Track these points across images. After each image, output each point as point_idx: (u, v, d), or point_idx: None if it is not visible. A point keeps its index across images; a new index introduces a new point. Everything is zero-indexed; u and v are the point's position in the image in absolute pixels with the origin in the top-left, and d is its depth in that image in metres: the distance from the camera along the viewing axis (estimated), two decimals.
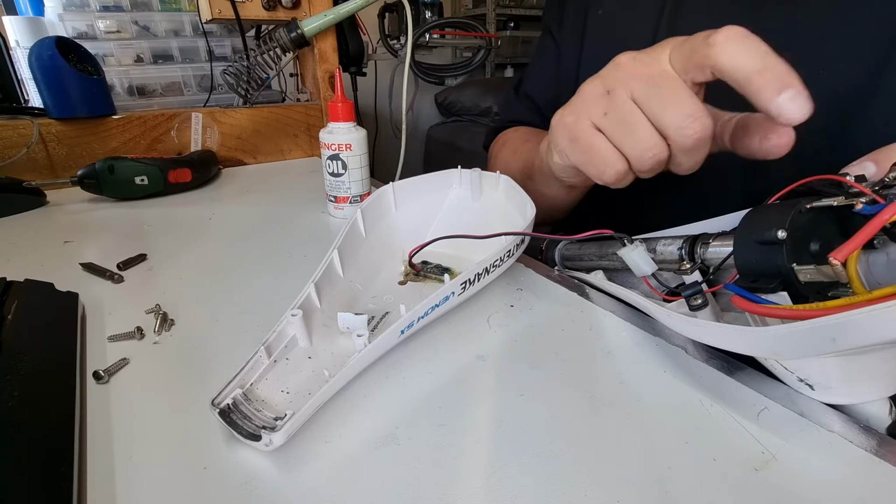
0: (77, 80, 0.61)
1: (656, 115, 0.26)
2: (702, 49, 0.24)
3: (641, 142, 0.27)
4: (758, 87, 0.23)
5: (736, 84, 0.24)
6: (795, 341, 0.19)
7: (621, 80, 0.28)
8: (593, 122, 0.29)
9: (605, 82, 0.29)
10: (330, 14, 0.70)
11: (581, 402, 0.25)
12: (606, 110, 0.28)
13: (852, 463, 0.21)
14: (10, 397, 0.21)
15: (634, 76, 0.27)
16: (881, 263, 0.22)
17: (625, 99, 0.27)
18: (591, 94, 0.29)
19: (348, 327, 0.28)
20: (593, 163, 0.30)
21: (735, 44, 0.23)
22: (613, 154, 0.29)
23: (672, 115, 0.26)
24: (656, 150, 0.27)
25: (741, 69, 0.23)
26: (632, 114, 0.27)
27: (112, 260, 0.40)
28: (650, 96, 0.27)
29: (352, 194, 0.50)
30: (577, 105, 0.30)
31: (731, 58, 0.23)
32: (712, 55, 0.24)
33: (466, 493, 0.20)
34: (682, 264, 0.28)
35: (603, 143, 0.29)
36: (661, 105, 0.26)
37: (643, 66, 0.27)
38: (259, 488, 0.20)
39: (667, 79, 0.26)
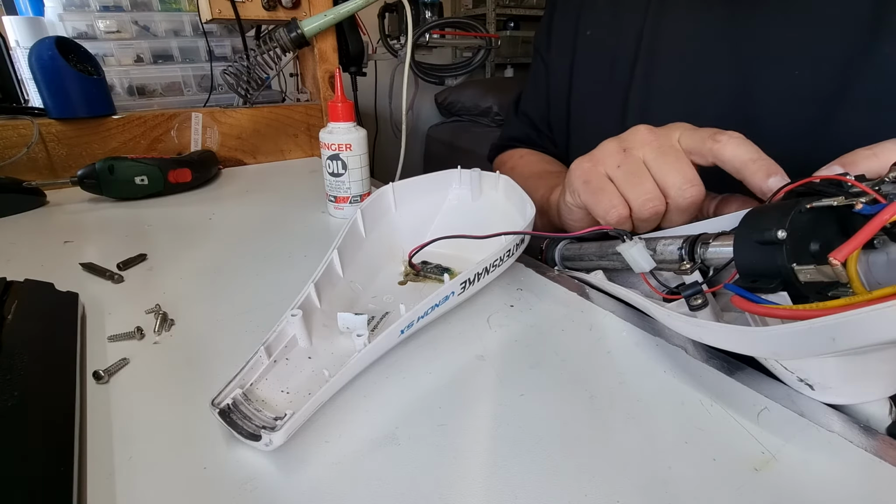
0: (77, 80, 0.61)
1: (661, 176, 0.31)
2: (708, 143, 0.30)
3: (645, 193, 0.32)
4: (752, 171, 0.28)
5: (734, 170, 0.29)
6: (795, 341, 0.19)
7: (638, 144, 0.33)
8: (607, 171, 0.34)
9: (623, 142, 0.33)
10: (330, 14, 0.70)
11: (581, 402, 0.25)
12: (620, 164, 0.33)
13: (852, 463, 0.21)
14: (11, 397, 0.21)
15: (649, 143, 0.32)
16: (881, 263, 0.22)
17: (637, 158, 0.32)
18: (610, 149, 0.34)
19: (348, 327, 0.28)
20: (601, 204, 0.33)
21: (735, 141, 0.29)
22: (619, 200, 0.33)
23: (674, 178, 0.31)
24: (656, 202, 0.31)
25: (739, 159, 0.29)
26: (641, 171, 0.32)
27: (112, 260, 0.40)
28: (659, 161, 0.32)
29: (352, 194, 0.50)
30: (597, 155, 0.34)
31: (732, 151, 0.29)
32: (717, 149, 0.29)
33: (466, 493, 0.20)
34: (681, 264, 0.28)
35: (612, 189, 0.33)
36: (667, 169, 0.31)
37: (657, 138, 0.32)
38: (259, 488, 0.20)
39: (674, 151, 0.31)
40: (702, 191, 0.31)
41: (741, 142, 0.29)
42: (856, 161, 0.25)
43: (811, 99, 0.35)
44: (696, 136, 0.31)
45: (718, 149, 0.29)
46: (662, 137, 0.32)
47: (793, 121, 0.37)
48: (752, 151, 0.29)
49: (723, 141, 0.29)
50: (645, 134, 0.33)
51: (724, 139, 0.29)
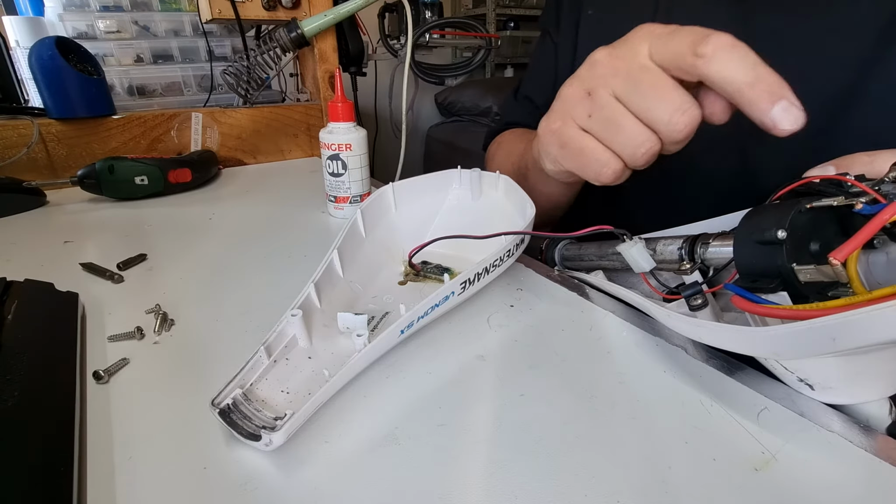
0: (77, 80, 0.61)
1: (643, 112, 0.26)
2: (688, 58, 0.24)
3: (632, 139, 0.27)
4: (749, 99, 0.23)
5: (726, 95, 0.24)
6: (795, 341, 0.19)
7: (600, 79, 0.27)
8: (579, 124, 0.29)
9: (583, 83, 0.28)
10: (330, 14, 0.70)
11: (581, 402, 0.25)
12: (591, 112, 0.28)
13: (852, 463, 0.21)
14: (11, 397, 0.21)
15: (613, 73, 0.27)
16: (881, 263, 0.22)
17: (607, 98, 0.27)
18: (572, 97, 0.29)
19: (348, 327, 0.28)
20: (588, 166, 0.29)
21: (724, 55, 0.23)
22: (606, 154, 0.28)
23: (659, 111, 0.25)
24: (648, 144, 0.27)
25: (732, 82, 0.23)
26: (617, 112, 0.27)
27: (112, 260, 0.40)
28: (633, 93, 0.26)
29: (352, 194, 0.50)
30: (560, 110, 0.30)
31: (721, 70, 0.23)
32: (700, 66, 0.23)
33: (467, 493, 0.20)
34: (681, 264, 0.28)
35: (593, 145, 0.28)
36: (645, 101, 0.26)
37: (621, 62, 0.27)
38: (259, 488, 0.20)
39: (647, 73, 0.26)
40: (696, 114, 0.25)
41: (731, 51, 0.23)
42: (852, 165, 0.25)
43: (820, 101, 0.33)
44: (670, 48, 0.25)
45: (703, 66, 0.23)
46: (628, 59, 0.26)
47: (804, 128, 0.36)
48: (747, 71, 0.23)
49: (707, 55, 0.23)
50: (606, 62, 0.27)
51: (708, 51, 0.23)
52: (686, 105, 0.25)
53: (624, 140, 0.27)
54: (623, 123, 0.27)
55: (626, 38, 0.27)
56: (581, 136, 0.29)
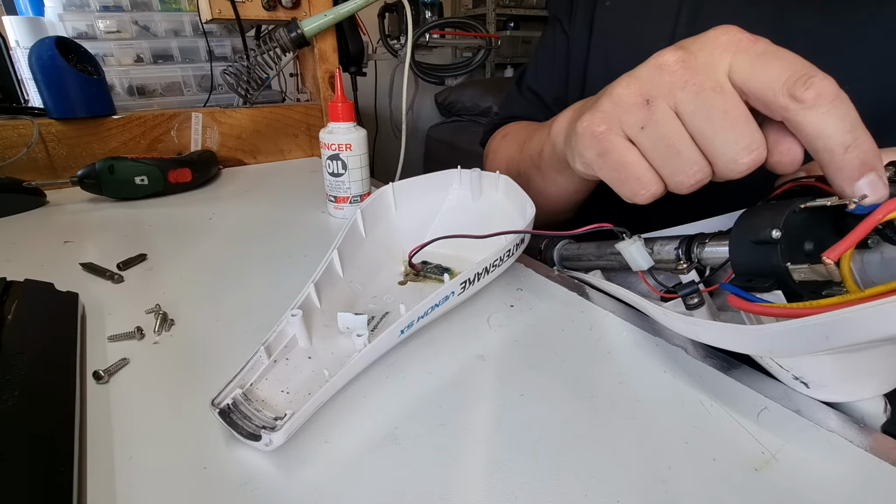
0: (77, 80, 0.61)
1: (705, 139, 0.23)
2: (781, 97, 0.20)
3: (685, 166, 0.24)
4: (839, 163, 0.20)
5: (812, 148, 0.21)
6: (789, 339, 0.20)
7: (665, 88, 0.23)
8: (628, 134, 0.25)
9: (643, 87, 0.24)
10: (330, 14, 0.70)
11: (581, 402, 0.25)
12: (644, 124, 0.24)
13: (851, 462, 0.21)
14: (11, 397, 0.21)
15: (682, 85, 0.23)
16: (875, 262, 0.22)
17: (667, 113, 0.23)
18: (626, 101, 0.25)
19: (348, 327, 0.28)
20: (626, 183, 0.26)
21: (826, 106, 0.20)
22: (649, 175, 0.25)
23: (725, 145, 0.22)
24: (700, 175, 0.23)
25: (826, 139, 0.20)
26: (676, 133, 0.23)
27: (112, 260, 0.40)
28: (699, 115, 0.23)
29: (352, 194, 0.50)
30: (610, 112, 0.26)
31: (818, 123, 0.20)
32: (794, 111, 0.20)
33: (467, 493, 0.20)
34: (678, 264, 0.28)
35: (639, 162, 0.25)
36: (712, 128, 0.22)
37: (694, 74, 0.23)
38: (259, 488, 0.20)
39: (722, 96, 0.22)
40: (762, 156, 0.22)
41: (835, 107, 0.20)
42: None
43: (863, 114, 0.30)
44: (760, 76, 0.21)
45: (798, 112, 0.20)
46: (704, 72, 0.22)
47: None
48: (846, 132, 0.20)
49: (807, 101, 0.20)
50: (676, 70, 0.23)
51: (809, 97, 0.19)
52: (755, 144, 0.22)
53: (675, 166, 0.24)
54: (680, 148, 0.23)
55: (704, 42, 0.23)
56: (627, 148, 0.25)
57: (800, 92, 0.20)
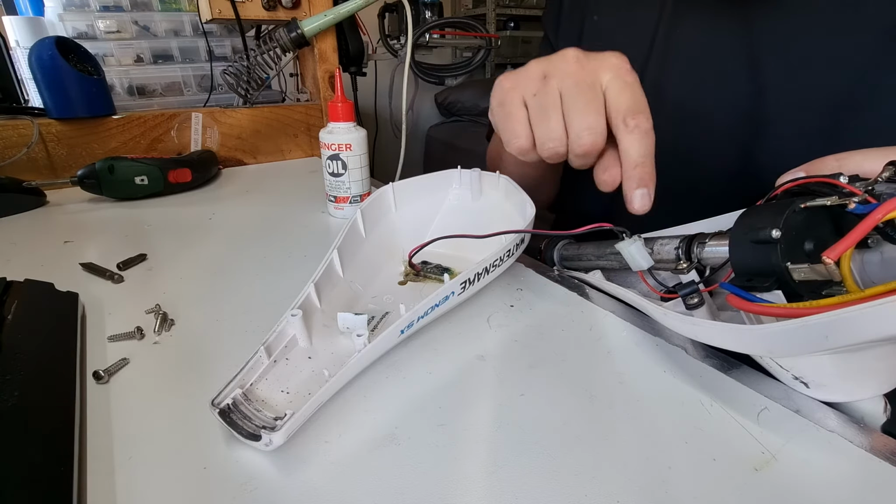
0: (77, 80, 0.61)
1: (568, 115, 0.30)
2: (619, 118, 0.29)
3: (548, 132, 0.31)
4: (628, 174, 0.29)
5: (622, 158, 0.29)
6: (789, 339, 0.20)
7: (559, 72, 0.31)
8: (524, 97, 0.32)
9: (547, 67, 0.32)
10: (330, 14, 0.70)
11: (581, 402, 0.25)
12: (536, 92, 0.31)
13: (851, 462, 0.21)
14: (11, 397, 0.21)
15: (571, 74, 0.30)
16: (875, 262, 0.22)
17: (554, 90, 0.31)
18: (532, 73, 0.32)
19: (348, 327, 0.28)
20: (507, 129, 0.33)
21: (637, 135, 0.29)
22: (525, 130, 0.32)
23: (577, 122, 0.30)
24: (556, 143, 0.31)
25: (628, 156, 0.29)
26: (552, 105, 0.30)
27: (112, 260, 0.40)
28: (572, 97, 0.30)
29: (352, 194, 0.50)
30: (520, 77, 0.33)
31: (628, 144, 0.29)
32: (621, 130, 0.29)
33: (466, 493, 0.20)
34: (678, 264, 0.28)
35: (521, 117, 0.32)
36: (575, 109, 0.30)
37: (582, 71, 0.30)
38: (259, 488, 0.20)
39: (591, 92, 0.30)
40: (597, 141, 0.30)
41: (642, 138, 0.29)
42: (822, 169, 0.25)
43: (825, 107, 0.35)
44: (618, 97, 0.29)
45: (623, 134, 0.29)
46: (589, 73, 0.30)
47: (804, 129, 0.36)
48: (640, 154, 0.29)
49: (629, 127, 0.29)
50: (572, 63, 0.31)
51: (630, 126, 0.29)
52: (596, 130, 0.29)
53: (542, 130, 0.31)
54: (550, 116, 0.31)
55: (601, 56, 0.31)
56: (518, 105, 0.32)
57: (628, 120, 0.29)
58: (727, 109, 0.40)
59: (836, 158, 0.25)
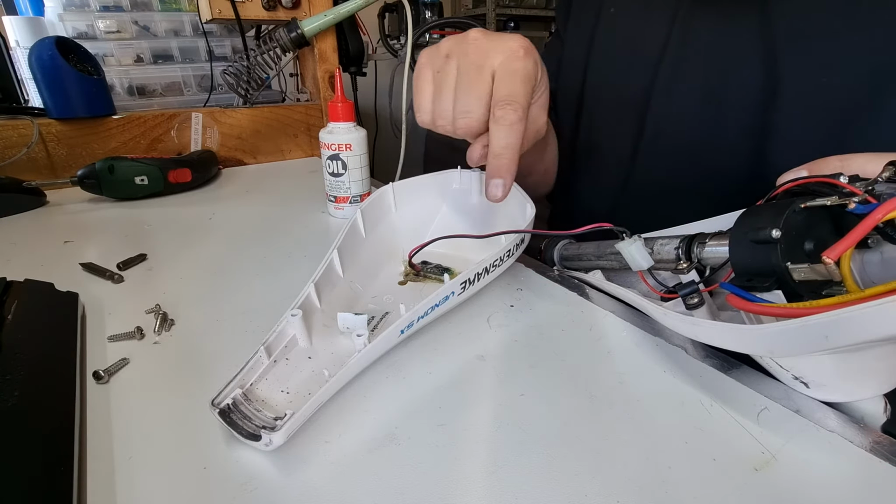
0: (77, 80, 0.61)
1: (456, 94, 0.33)
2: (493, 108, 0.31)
3: (441, 110, 0.33)
4: (489, 165, 0.31)
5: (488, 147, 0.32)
6: (789, 339, 0.20)
7: (459, 52, 0.33)
8: (433, 71, 0.34)
9: (452, 48, 0.34)
10: (330, 14, 0.70)
11: (581, 402, 0.25)
12: (440, 69, 0.34)
13: (851, 462, 0.21)
14: (11, 397, 0.21)
15: (468, 54, 0.32)
16: (875, 262, 0.22)
17: (452, 69, 0.33)
18: (441, 52, 0.34)
19: (348, 327, 0.28)
20: (415, 101, 0.35)
21: (502, 126, 0.31)
22: (427, 105, 0.34)
23: (459, 104, 0.32)
24: (445, 121, 0.33)
25: (491, 146, 0.31)
26: (447, 84, 0.33)
27: (112, 260, 0.40)
28: (462, 80, 0.32)
29: (352, 194, 0.50)
30: (432, 52, 0.35)
31: (493, 135, 0.31)
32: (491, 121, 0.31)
33: (466, 493, 0.20)
34: (678, 264, 0.28)
35: (427, 93, 0.35)
36: (461, 90, 0.32)
37: (478, 53, 0.32)
38: (259, 488, 0.20)
39: (480, 74, 0.31)
40: (469, 125, 0.32)
41: (506, 129, 0.30)
42: (824, 169, 0.25)
43: (840, 107, 0.34)
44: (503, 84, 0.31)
45: (490, 121, 0.31)
46: (482, 55, 0.32)
47: (816, 130, 0.35)
48: (501, 146, 0.30)
49: (496, 117, 0.30)
50: (471, 44, 0.33)
51: (497, 116, 0.30)
52: (471, 114, 0.32)
53: (437, 106, 0.34)
54: (444, 94, 0.33)
55: (500, 37, 0.32)
56: (426, 81, 0.35)
57: (497, 109, 0.31)
58: (740, 107, 0.39)
59: (839, 159, 0.25)
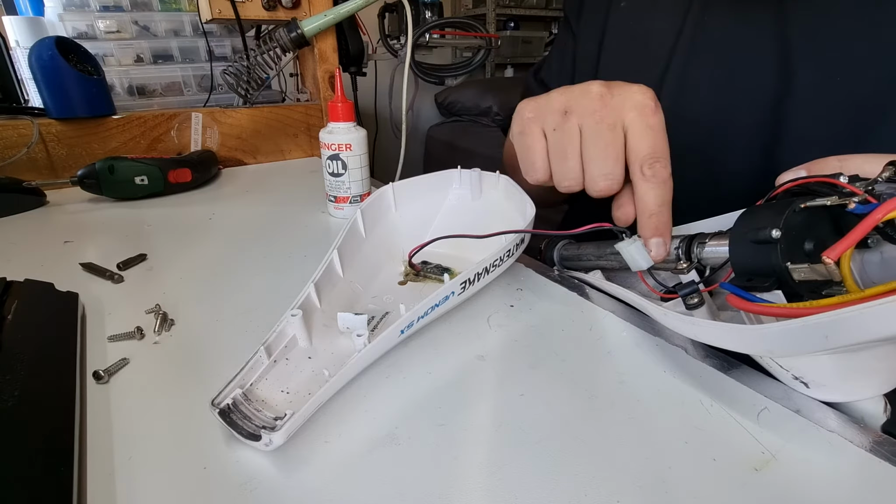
0: (77, 80, 0.61)
1: (586, 156, 0.30)
2: (636, 165, 0.29)
3: (566, 171, 0.31)
4: (643, 223, 0.29)
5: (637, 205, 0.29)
6: (789, 339, 0.20)
7: (581, 109, 0.30)
8: (544, 129, 0.32)
9: (569, 101, 0.31)
10: (330, 14, 0.70)
11: (581, 402, 0.25)
12: (557, 127, 0.31)
13: (851, 461, 0.21)
14: (11, 397, 0.21)
15: (592, 112, 0.29)
16: (875, 262, 0.22)
17: (574, 128, 0.30)
18: (554, 105, 0.31)
19: (348, 327, 0.28)
20: (526, 161, 0.33)
21: (653, 183, 0.28)
22: (543, 165, 0.32)
23: (594, 167, 0.30)
24: (572, 183, 0.31)
25: (643, 204, 0.29)
26: (571, 145, 0.30)
27: (112, 260, 0.40)
28: (591, 138, 0.29)
29: (352, 194, 0.50)
30: (542, 107, 0.32)
31: (643, 192, 0.29)
32: (637, 177, 0.29)
33: (466, 493, 0.20)
34: (678, 264, 0.28)
35: (541, 151, 0.32)
36: (594, 151, 0.29)
37: (605, 108, 0.29)
38: (259, 488, 0.20)
39: (612, 134, 0.29)
40: (611, 186, 0.30)
41: (658, 186, 0.28)
42: (823, 169, 0.25)
43: (852, 109, 0.34)
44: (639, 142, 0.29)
45: (639, 179, 0.29)
46: (611, 112, 0.29)
47: (830, 130, 0.35)
48: (656, 203, 0.28)
49: (646, 176, 0.28)
50: (595, 100, 0.30)
51: (648, 175, 0.28)
52: (613, 177, 0.29)
53: (560, 168, 0.31)
54: (568, 157, 0.31)
55: (625, 91, 0.29)
56: (539, 137, 0.32)
57: (646, 168, 0.28)
58: (752, 104, 0.39)
59: (838, 159, 0.25)
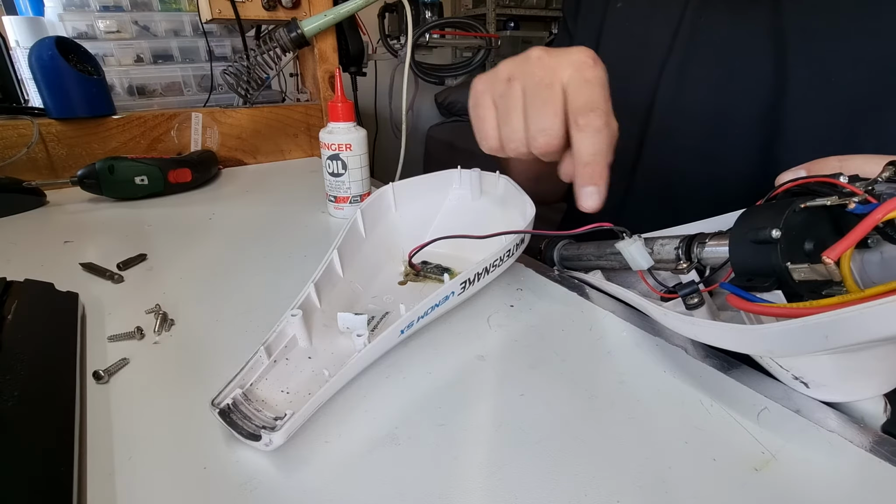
0: (77, 80, 0.61)
1: (527, 115, 0.31)
2: (573, 116, 0.29)
3: (510, 133, 0.32)
4: (579, 173, 0.29)
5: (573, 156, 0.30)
6: (789, 339, 0.20)
7: (522, 73, 0.31)
8: (493, 98, 0.33)
9: (514, 68, 0.32)
10: (330, 14, 0.70)
11: (581, 403, 0.25)
12: (503, 94, 0.32)
13: (851, 462, 0.21)
14: (11, 397, 0.21)
15: (532, 74, 0.31)
16: (875, 262, 0.22)
17: (517, 91, 0.31)
18: (500, 74, 0.33)
19: (348, 327, 0.28)
20: (478, 130, 0.34)
21: (590, 135, 0.29)
22: (493, 132, 0.33)
23: (535, 123, 0.30)
24: (517, 144, 0.32)
25: (578, 154, 0.29)
26: (515, 106, 0.31)
27: (112, 260, 0.40)
28: (532, 97, 0.30)
29: (352, 194, 0.50)
30: (490, 79, 0.34)
31: (577, 142, 0.29)
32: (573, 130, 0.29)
33: (466, 493, 0.20)
34: (678, 264, 0.28)
35: (491, 119, 0.33)
36: (533, 110, 0.30)
37: (544, 70, 0.30)
38: (259, 488, 0.20)
39: (550, 91, 0.30)
40: (549, 142, 0.30)
41: (592, 136, 0.28)
42: (823, 169, 0.25)
43: (848, 107, 0.35)
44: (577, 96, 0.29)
45: (573, 131, 0.29)
46: (549, 72, 0.30)
47: (827, 128, 0.35)
48: (590, 153, 0.29)
49: (580, 126, 0.29)
50: (534, 63, 0.31)
51: (581, 124, 0.28)
52: (551, 132, 0.30)
53: (506, 131, 0.32)
54: (512, 117, 0.31)
55: (564, 52, 0.30)
56: (489, 107, 0.33)
57: (580, 118, 0.29)
58: (750, 103, 0.39)
59: (838, 159, 0.25)
